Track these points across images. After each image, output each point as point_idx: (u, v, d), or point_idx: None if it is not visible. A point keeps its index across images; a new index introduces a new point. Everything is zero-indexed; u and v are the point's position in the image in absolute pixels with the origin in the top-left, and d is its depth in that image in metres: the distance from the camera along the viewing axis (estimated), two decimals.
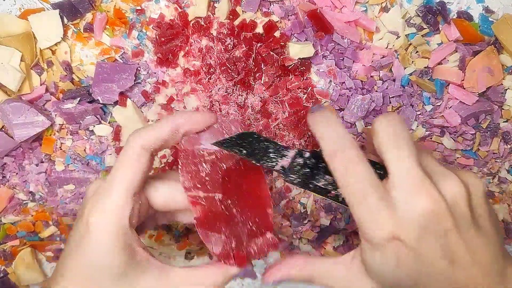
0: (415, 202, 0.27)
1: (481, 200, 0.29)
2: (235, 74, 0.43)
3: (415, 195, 0.27)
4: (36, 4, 0.43)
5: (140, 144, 0.31)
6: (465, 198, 0.28)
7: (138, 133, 0.31)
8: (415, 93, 0.44)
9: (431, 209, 0.27)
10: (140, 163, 0.31)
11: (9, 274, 0.51)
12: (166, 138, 0.31)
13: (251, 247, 0.33)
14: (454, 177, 0.28)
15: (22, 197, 0.48)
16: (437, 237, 0.27)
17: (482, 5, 0.43)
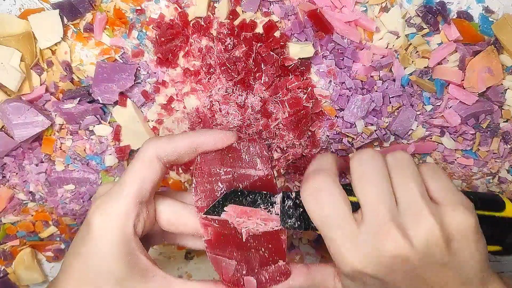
0: (380, 244, 0.28)
1: (463, 238, 0.28)
2: (235, 74, 0.43)
3: (382, 238, 0.28)
4: (36, 4, 0.43)
5: (154, 152, 0.30)
6: (438, 240, 0.28)
7: (155, 141, 0.31)
8: (415, 93, 0.44)
9: (395, 253, 0.27)
10: (151, 171, 0.30)
11: (9, 274, 0.51)
12: (182, 153, 0.31)
13: (262, 275, 0.32)
14: (430, 218, 0.28)
15: (22, 197, 0.48)
16: (404, 272, 0.28)
17: (482, 5, 0.43)
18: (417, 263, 0.28)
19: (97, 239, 0.29)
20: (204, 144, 0.31)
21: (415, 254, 0.28)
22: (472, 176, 0.48)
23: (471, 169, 0.47)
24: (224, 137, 0.32)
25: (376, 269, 0.28)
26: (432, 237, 0.28)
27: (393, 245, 0.27)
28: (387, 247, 0.27)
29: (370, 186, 0.29)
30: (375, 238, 0.28)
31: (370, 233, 0.28)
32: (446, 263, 0.28)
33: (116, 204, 0.30)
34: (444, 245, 0.28)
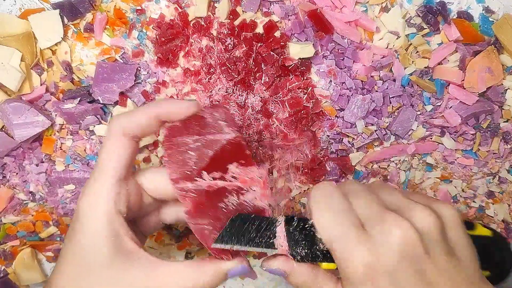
0: (387, 233, 0.28)
1: (456, 230, 0.30)
2: (235, 74, 0.43)
3: (385, 227, 0.28)
4: (36, 4, 0.43)
5: (119, 129, 0.31)
6: (437, 227, 0.29)
7: (117, 118, 0.31)
8: (415, 93, 0.44)
9: (402, 237, 0.28)
10: (121, 147, 0.31)
11: (9, 274, 0.51)
12: (145, 125, 0.31)
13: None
14: (422, 208, 0.29)
15: (22, 197, 0.48)
16: (412, 264, 0.28)
17: (482, 5, 0.43)
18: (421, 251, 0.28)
19: (83, 221, 0.30)
20: (166, 114, 0.32)
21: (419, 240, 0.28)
22: (472, 176, 0.48)
23: (471, 169, 0.47)
24: (185, 106, 0.32)
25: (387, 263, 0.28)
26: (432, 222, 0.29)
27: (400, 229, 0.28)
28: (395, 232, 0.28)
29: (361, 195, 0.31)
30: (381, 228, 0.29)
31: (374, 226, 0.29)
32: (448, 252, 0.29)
33: (96, 184, 0.30)
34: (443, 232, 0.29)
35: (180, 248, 0.52)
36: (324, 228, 0.30)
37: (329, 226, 0.30)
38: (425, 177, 0.48)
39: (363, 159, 0.46)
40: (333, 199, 0.31)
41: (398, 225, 0.28)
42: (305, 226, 0.31)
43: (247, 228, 0.32)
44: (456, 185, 0.48)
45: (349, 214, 0.30)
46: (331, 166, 0.46)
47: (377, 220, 0.29)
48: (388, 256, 0.28)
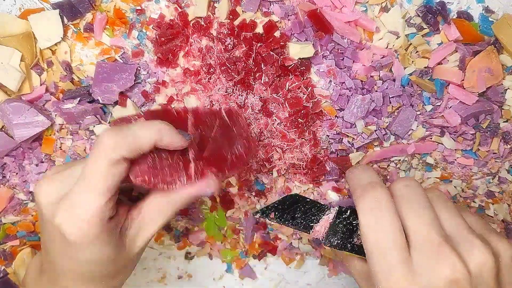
0: (436, 269, 0.26)
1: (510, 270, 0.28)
2: (235, 74, 0.43)
3: (436, 262, 0.26)
4: (36, 4, 0.43)
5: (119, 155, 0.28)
6: (491, 269, 0.27)
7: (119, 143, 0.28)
8: (415, 93, 0.44)
9: (453, 278, 0.26)
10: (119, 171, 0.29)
11: (9, 274, 0.51)
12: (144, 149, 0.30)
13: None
14: (482, 246, 0.27)
15: (22, 197, 0.48)
16: None
17: (482, 5, 0.43)
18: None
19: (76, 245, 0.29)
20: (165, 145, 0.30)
21: (469, 282, 0.26)
22: (472, 176, 0.48)
23: (471, 169, 0.47)
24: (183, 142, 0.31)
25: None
26: (486, 264, 0.27)
27: (449, 269, 0.26)
28: (442, 271, 0.26)
29: (420, 212, 0.28)
30: (429, 262, 0.27)
31: (423, 257, 0.27)
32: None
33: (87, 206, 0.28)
34: (495, 276, 0.27)
35: (180, 248, 0.52)
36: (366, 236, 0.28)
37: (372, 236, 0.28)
38: (425, 177, 0.48)
39: (363, 159, 0.46)
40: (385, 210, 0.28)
41: (448, 261, 0.26)
42: (352, 221, 0.31)
43: (295, 208, 0.32)
44: (456, 185, 0.48)
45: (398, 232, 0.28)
46: (331, 166, 0.47)
47: (427, 248, 0.27)
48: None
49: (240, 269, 0.53)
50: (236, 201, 0.49)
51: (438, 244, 0.27)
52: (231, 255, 0.52)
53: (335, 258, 0.51)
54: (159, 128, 0.30)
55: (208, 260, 0.53)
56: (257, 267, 0.53)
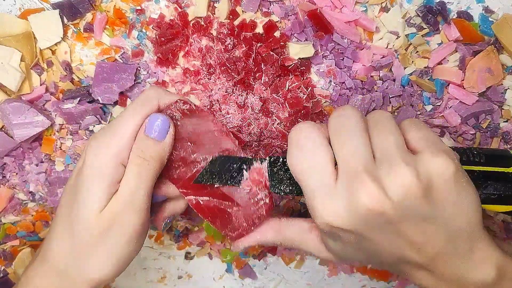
0: (354, 196, 0.27)
1: (445, 186, 0.27)
2: (235, 74, 0.43)
3: (354, 189, 0.27)
4: (36, 4, 0.43)
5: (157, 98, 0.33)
6: (416, 191, 0.26)
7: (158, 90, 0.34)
8: (415, 93, 0.44)
9: (370, 206, 0.26)
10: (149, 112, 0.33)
11: (9, 274, 0.51)
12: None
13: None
14: (407, 168, 0.26)
15: (22, 197, 0.48)
16: (381, 227, 0.27)
17: (482, 5, 0.43)
18: (394, 217, 0.26)
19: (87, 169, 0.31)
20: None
21: (392, 207, 0.26)
22: None
23: None
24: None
25: (351, 223, 0.27)
26: (409, 186, 0.26)
27: (367, 197, 0.26)
28: (361, 199, 0.26)
29: (346, 138, 0.28)
30: (349, 190, 0.27)
31: (344, 186, 0.27)
32: (428, 216, 0.27)
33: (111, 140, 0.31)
34: (423, 195, 0.26)
35: (180, 248, 0.52)
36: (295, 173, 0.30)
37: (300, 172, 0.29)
38: None
39: None
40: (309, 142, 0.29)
41: (365, 189, 0.26)
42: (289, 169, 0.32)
43: (228, 168, 0.33)
44: None
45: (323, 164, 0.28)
46: None
47: (348, 177, 0.27)
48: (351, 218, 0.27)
49: (240, 269, 0.53)
50: None
51: (357, 172, 0.27)
52: (231, 255, 0.52)
53: None
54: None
55: (208, 260, 0.53)
56: (257, 267, 0.53)
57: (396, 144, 0.28)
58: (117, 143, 0.31)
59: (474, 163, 0.31)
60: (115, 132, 0.32)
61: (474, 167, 0.31)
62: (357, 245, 0.29)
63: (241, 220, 0.34)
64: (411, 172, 0.26)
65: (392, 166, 0.27)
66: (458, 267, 0.28)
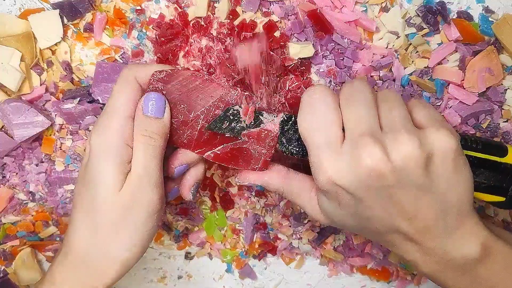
0: (357, 156, 0.28)
1: (445, 160, 0.29)
2: (235, 74, 0.43)
3: (359, 152, 0.28)
4: (36, 4, 0.43)
5: (131, 76, 0.34)
6: (417, 161, 0.28)
7: (131, 67, 0.35)
8: (415, 93, 0.44)
9: (372, 166, 0.28)
10: (131, 89, 0.33)
11: (9, 274, 0.51)
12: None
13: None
14: (410, 137, 0.28)
15: (22, 197, 0.48)
16: (379, 190, 0.28)
17: (482, 5, 0.43)
18: (392, 181, 0.28)
19: (94, 151, 0.32)
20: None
21: (392, 171, 0.28)
22: None
23: None
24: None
25: (351, 182, 0.29)
26: (410, 154, 0.28)
27: (369, 157, 0.28)
28: (363, 159, 0.28)
29: (356, 105, 0.30)
30: (354, 150, 0.28)
31: (349, 147, 0.29)
32: (423, 186, 0.28)
33: (107, 122, 0.32)
34: (422, 165, 0.28)
35: (180, 248, 0.52)
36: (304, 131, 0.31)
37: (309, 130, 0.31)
38: None
39: None
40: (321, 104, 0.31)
41: (369, 150, 0.28)
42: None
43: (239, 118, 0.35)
44: None
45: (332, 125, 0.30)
46: None
47: (354, 139, 0.29)
48: (354, 176, 0.28)
49: (240, 269, 0.53)
50: (236, 201, 0.49)
51: (363, 135, 0.28)
52: (231, 255, 0.52)
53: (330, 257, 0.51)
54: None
55: (208, 260, 0.53)
56: (257, 267, 0.53)
57: (402, 117, 0.30)
58: (117, 123, 0.32)
59: (471, 148, 0.33)
60: (110, 115, 0.33)
61: (470, 152, 0.32)
62: (352, 208, 0.30)
63: (259, 150, 0.35)
64: (414, 141, 0.28)
65: (396, 134, 0.28)
66: (444, 242, 0.30)
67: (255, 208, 0.49)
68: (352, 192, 0.29)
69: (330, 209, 0.32)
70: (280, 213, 0.49)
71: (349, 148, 0.29)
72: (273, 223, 0.49)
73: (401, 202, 0.29)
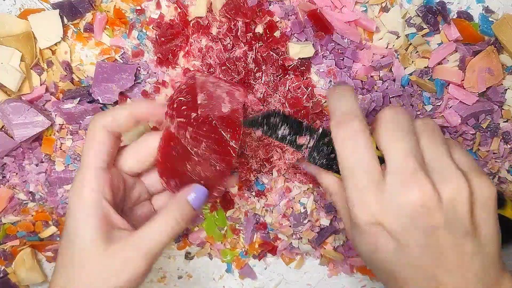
0: (406, 193, 0.26)
1: (487, 207, 0.27)
2: (235, 74, 0.43)
3: (408, 185, 0.26)
4: (36, 4, 0.43)
5: (99, 126, 0.33)
6: (465, 202, 0.26)
7: (98, 116, 0.33)
8: (415, 93, 0.44)
9: (422, 202, 0.26)
10: (101, 139, 0.33)
11: (9, 274, 0.51)
12: (122, 122, 0.33)
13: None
14: (460, 177, 0.27)
15: (22, 197, 0.48)
16: (424, 232, 0.26)
17: (482, 5, 0.43)
18: (440, 221, 0.26)
19: (71, 209, 0.31)
20: (141, 115, 0.34)
21: (440, 210, 0.26)
22: None
23: None
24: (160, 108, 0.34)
25: (395, 222, 0.26)
26: (460, 195, 0.26)
27: (419, 193, 0.26)
28: (412, 195, 0.26)
29: (399, 138, 0.28)
30: (401, 186, 0.26)
31: (396, 181, 0.27)
32: (468, 232, 0.26)
33: (80, 175, 0.32)
34: (469, 208, 0.26)
35: (180, 248, 0.52)
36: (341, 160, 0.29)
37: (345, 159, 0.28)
38: None
39: None
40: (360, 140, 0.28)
41: (420, 186, 0.26)
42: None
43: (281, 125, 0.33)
44: None
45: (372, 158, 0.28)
46: None
47: (401, 173, 0.27)
48: (398, 215, 0.26)
49: (240, 269, 0.53)
50: (236, 201, 0.49)
51: (413, 169, 0.26)
52: (231, 255, 0.52)
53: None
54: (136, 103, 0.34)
55: (208, 260, 0.53)
56: (257, 267, 0.53)
57: (448, 155, 0.28)
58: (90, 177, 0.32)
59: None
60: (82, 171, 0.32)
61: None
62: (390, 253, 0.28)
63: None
64: (465, 182, 0.26)
65: (445, 173, 0.27)
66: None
67: (255, 208, 0.49)
68: (395, 231, 0.27)
69: (363, 250, 0.29)
70: (280, 213, 0.49)
71: (395, 183, 0.27)
72: (273, 223, 0.49)
73: (444, 247, 0.27)
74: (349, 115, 0.29)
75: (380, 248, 0.28)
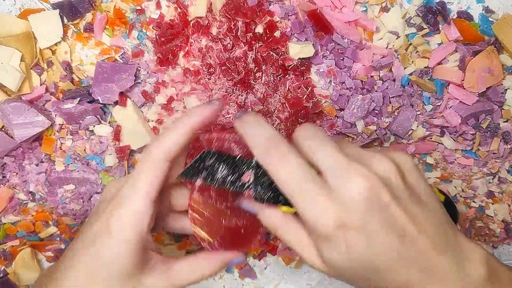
0: (351, 184, 0.27)
1: (415, 175, 0.29)
2: (235, 74, 0.43)
3: (349, 178, 0.27)
4: (36, 4, 0.43)
5: (163, 158, 0.31)
6: (397, 173, 0.28)
7: (158, 143, 0.32)
8: (415, 93, 0.44)
9: (369, 186, 0.27)
10: (161, 172, 0.31)
11: (9, 274, 0.51)
12: (184, 143, 0.32)
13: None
14: (380, 156, 0.29)
15: (22, 197, 0.48)
16: (381, 213, 0.27)
17: (482, 5, 0.43)
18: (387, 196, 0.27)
19: (114, 238, 0.30)
20: (200, 123, 0.32)
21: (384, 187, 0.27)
22: (472, 176, 0.48)
23: (471, 169, 0.47)
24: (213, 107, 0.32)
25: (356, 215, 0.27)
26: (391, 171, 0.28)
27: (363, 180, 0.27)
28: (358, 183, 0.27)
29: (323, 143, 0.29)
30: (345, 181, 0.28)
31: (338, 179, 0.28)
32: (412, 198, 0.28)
33: (131, 207, 0.31)
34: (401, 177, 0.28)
35: (180, 248, 0.52)
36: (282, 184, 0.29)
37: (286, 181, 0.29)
38: (425, 177, 0.48)
39: None
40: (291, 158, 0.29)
41: (360, 173, 0.27)
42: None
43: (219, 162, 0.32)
44: (456, 185, 0.48)
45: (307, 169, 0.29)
46: None
47: (339, 170, 0.28)
48: (355, 208, 0.27)
49: (240, 269, 0.53)
50: None
51: (347, 163, 0.28)
52: None
53: None
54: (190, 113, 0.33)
55: None
56: (257, 267, 0.53)
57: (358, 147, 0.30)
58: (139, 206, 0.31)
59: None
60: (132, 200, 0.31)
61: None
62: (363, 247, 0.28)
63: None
64: (389, 159, 0.29)
65: (371, 158, 0.29)
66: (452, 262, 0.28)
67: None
68: (359, 225, 0.27)
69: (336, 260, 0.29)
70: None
71: (339, 181, 0.28)
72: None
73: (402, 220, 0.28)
74: (272, 140, 0.30)
75: (353, 247, 0.28)
